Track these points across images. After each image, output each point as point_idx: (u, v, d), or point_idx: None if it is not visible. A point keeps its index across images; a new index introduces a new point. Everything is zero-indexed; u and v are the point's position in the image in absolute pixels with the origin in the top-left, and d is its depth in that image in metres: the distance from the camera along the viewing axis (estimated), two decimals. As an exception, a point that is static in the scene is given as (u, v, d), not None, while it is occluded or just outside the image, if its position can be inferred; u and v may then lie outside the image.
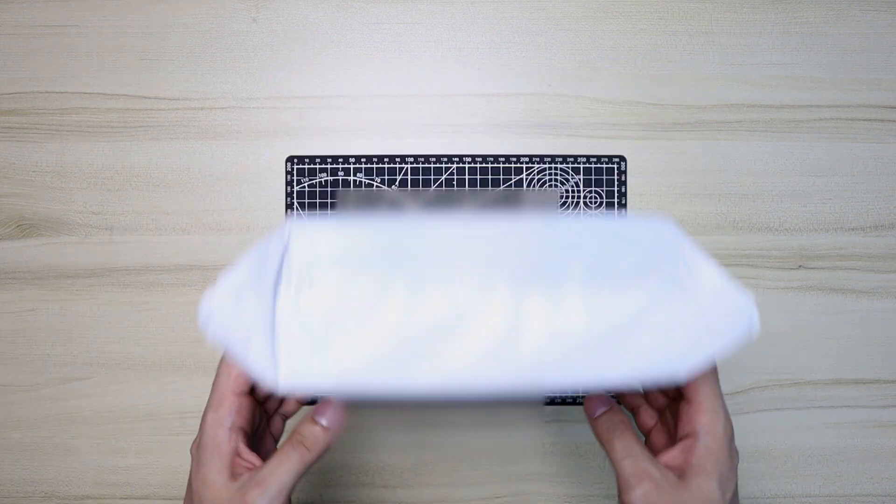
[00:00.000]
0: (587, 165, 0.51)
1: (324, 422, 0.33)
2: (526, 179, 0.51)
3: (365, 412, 0.51)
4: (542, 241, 0.30)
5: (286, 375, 0.30)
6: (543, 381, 0.29)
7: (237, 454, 0.33)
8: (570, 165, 0.51)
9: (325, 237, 0.30)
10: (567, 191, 0.51)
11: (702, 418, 0.32)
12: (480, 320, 0.29)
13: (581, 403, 0.46)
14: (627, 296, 0.30)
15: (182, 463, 0.50)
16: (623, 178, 0.51)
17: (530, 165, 0.51)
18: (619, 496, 0.32)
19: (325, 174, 0.51)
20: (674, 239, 0.31)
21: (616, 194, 0.51)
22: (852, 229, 0.51)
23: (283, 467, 0.32)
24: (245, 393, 0.34)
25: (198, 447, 0.34)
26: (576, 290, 0.30)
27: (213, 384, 0.34)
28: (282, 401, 0.39)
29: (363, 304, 0.29)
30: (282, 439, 0.38)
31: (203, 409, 0.34)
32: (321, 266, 0.30)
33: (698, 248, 0.31)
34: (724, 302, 0.30)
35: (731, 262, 0.51)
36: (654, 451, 0.34)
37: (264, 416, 0.38)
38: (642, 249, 0.30)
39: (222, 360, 0.34)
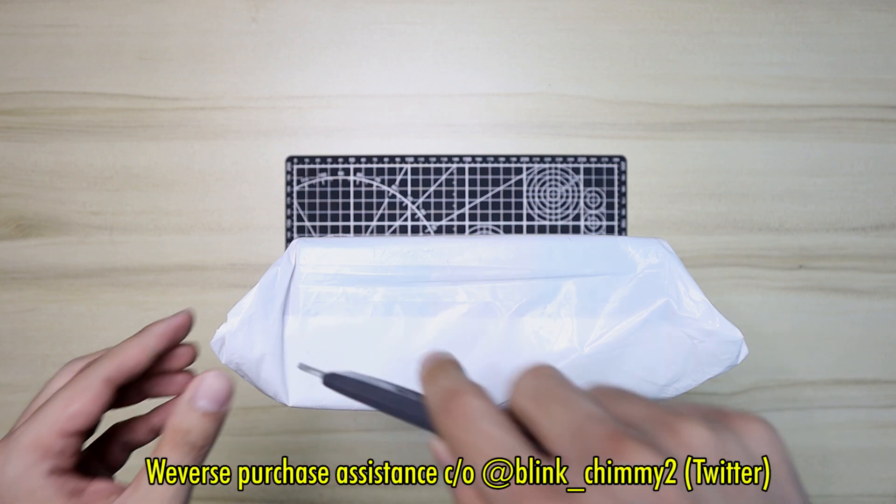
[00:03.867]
0: (587, 165, 0.51)
1: (205, 405, 0.25)
2: (526, 179, 0.51)
3: (364, 413, 0.51)
4: (539, 262, 0.32)
5: (294, 397, 0.32)
6: None
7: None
8: (570, 165, 0.51)
9: (331, 260, 0.32)
10: (567, 191, 0.51)
11: None
12: (477, 343, 0.31)
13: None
14: (619, 319, 0.32)
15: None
16: (623, 178, 0.51)
17: (530, 165, 0.51)
18: None
19: (325, 174, 0.51)
20: (666, 263, 0.32)
21: (616, 194, 0.51)
22: (853, 229, 0.51)
23: (165, 492, 0.24)
24: (77, 433, 0.26)
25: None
26: (569, 311, 0.32)
27: (38, 411, 0.26)
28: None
29: (365, 330, 0.32)
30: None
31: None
32: (326, 291, 0.32)
33: (688, 275, 0.32)
34: (715, 334, 0.31)
35: (731, 262, 0.51)
36: None
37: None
38: (635, 272, 0.32)
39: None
